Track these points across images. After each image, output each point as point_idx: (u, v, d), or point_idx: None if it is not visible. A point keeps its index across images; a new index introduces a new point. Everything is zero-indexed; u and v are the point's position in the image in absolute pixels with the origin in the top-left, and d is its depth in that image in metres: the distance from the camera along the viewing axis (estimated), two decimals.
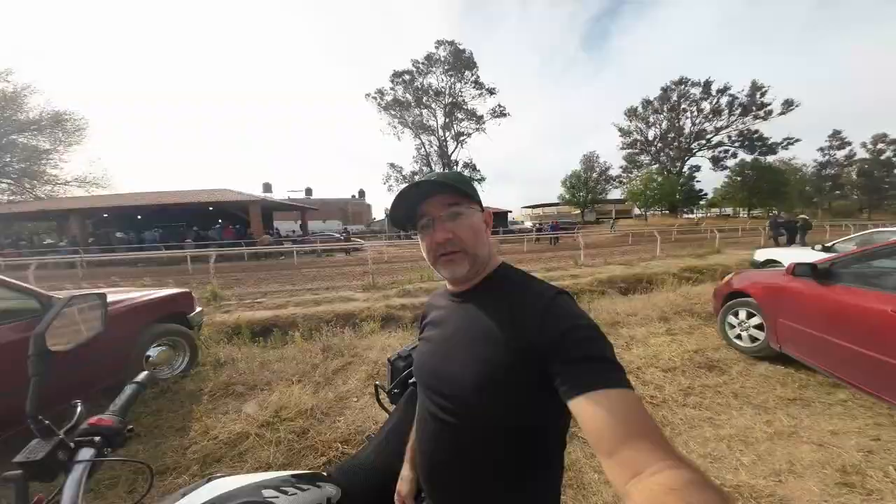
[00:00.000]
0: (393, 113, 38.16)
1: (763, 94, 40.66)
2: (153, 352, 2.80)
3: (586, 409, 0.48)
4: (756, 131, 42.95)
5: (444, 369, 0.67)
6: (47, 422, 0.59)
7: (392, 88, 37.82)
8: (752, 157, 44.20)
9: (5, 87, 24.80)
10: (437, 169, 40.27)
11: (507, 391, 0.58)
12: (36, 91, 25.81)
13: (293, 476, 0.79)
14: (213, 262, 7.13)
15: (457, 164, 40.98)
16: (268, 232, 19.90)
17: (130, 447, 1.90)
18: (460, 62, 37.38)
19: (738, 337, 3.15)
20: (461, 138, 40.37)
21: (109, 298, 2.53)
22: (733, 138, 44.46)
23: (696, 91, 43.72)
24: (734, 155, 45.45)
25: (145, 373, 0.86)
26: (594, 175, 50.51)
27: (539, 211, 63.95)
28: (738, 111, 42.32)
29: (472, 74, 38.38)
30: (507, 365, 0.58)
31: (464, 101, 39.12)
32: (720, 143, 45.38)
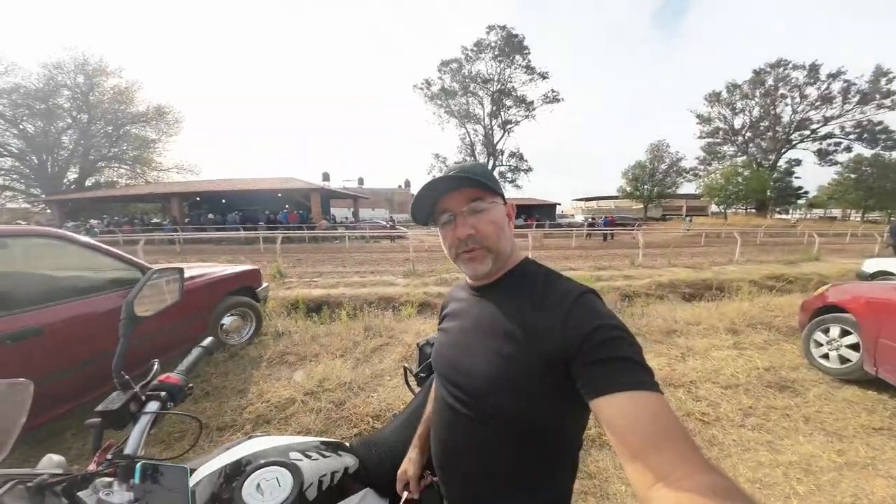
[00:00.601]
0: (439, 103, 37.91)
1: (890, 81, 33.19)
2: (227, 320, 3.23)
3: (610, 411, 0.47)
4: (879, 122, 35.39)
5: (461, 362, 0.67)
6: (127, 377, 0.70)
7: (440, 78, 37.55)
8: (872, 151, 36.47)
9: (119, 82, 29.94)
10: (482, 159, 39.12)
11: (524, 389, 0.58)
12: (142, 87, 30.88)
13: (321, 443, 0.87)
14: (279, 243, 7.96)
15: (502, 154, 39.73)
16: (325, 218, 21.44)
17: (201, 404, 2.24)
18: (511, 47, 35.72)
19: (825, 356, 2.73)
20: (508, 126, 38.91)
21: (195, 272, 3.00)
22: (847, 129, 36.99)
23: (799, 75, 37.00)
24: (848, 149, 37.86)
25: (211, 338, 0.98)
26: (662, 166, 45.43)
27: (593, 204, 59.62)
28: (855, 99, 35.10)
29: (524, 59, 36.51)
30: (526, 363, 0.58)
31: (513, 87, 37.51)
32: (829, 135, 38.07)
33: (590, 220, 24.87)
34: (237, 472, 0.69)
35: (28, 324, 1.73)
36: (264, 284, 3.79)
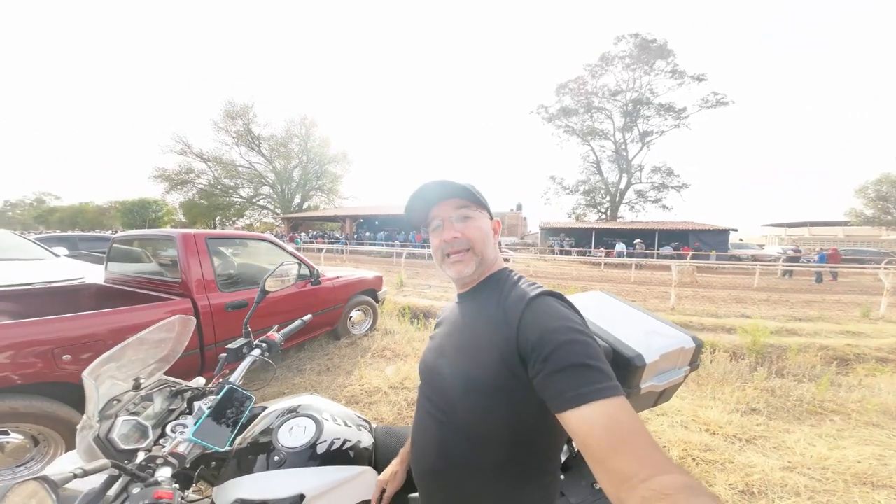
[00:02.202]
0: (558, 123, 35.79)
1: None
2: (354, 313, 4.04)
3: (574, 424, 0.48)
4: None
5: (437, 368, 0.71)
6: (249, 329, 1.06)
7: (558, 100, 35.54)
8: None
9: (323, 132, 42.26)
10: (611, 177, 34.82)
11: (488, 391, 0.59)
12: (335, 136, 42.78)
13: (354, 415, 1.05)
14: (404, 258, 9.38)
15: (641, 170, 33.69)
16: None
17: (321, 376, 2.89)
18: (648, 53, 30.85)
19: None
20: (648, 139, 33.02)
21: (340, 274, 3.89)
22: None
23: None
24: None
25: (309, 315, 1.38)
26: None
27: (802, 232, 42.55)
28: None
29: (668, 64, 30.84)
30: (491, 367, 0.59)
31: (653, 95, 32.03)
32: None
33: (791, 251, 17.89)
34: (287, 413, 0.93)
35: (241, 298, 2.65)
36: (384, 289, 4.55)
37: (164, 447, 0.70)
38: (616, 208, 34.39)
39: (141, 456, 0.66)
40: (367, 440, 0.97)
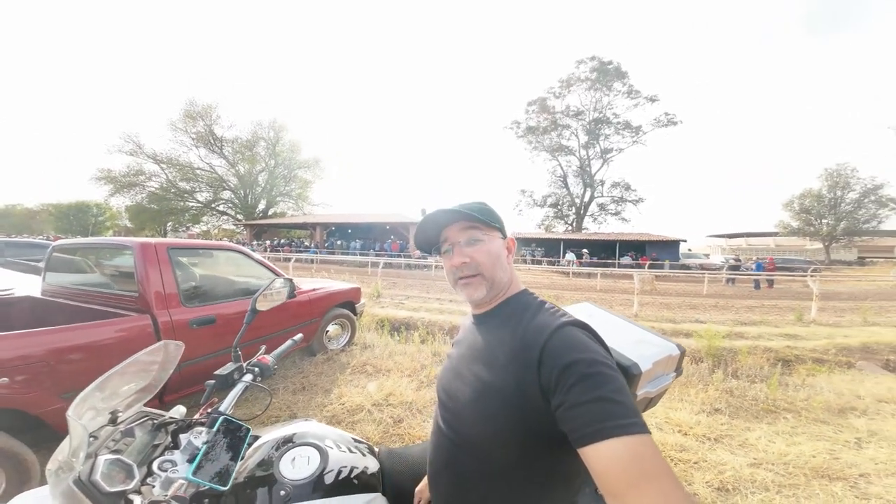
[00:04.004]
0: (529, 139, 37.75)
1: None
2: (331, 327, 3.85)
3: (594, 459, 0.47)
4: None
5: (452, 387, 0.71)
6: (239, 352, 0.97)
7: (527, 116, 37.64)
8: None
9: (293, 136, 40.72)
10: (576, 190, 37.01)
11: (501, 417, 0.58)
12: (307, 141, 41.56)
13: (353, 439, 1.00)
14: (381, 267, 9.20)
15: (603, 185, 36.28)
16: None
17: (297, 395, 2.71)
18: (606, 75, 33.72)
19: None
20: (608, 156, 35.83)
21: (315, 286, 3.68)
22: None
23: None
24: None
25: (300, 335, 1.30)
26: (850, 195, 33.58)
27: (740, 242, 47.46)
28: None
29: (624, 85, 33.78)
30: (504, 392, 0.58)
31: (613, 115, 35.00)
32: None
33: (732, 260, 19.81)
34: (285, 443, 0.86)
35: (207, 314, 2.42)
36: (362, 301, 4.40)
37: (153, 487, 0.62)
38: (581, 220, 36.49)
39: (137, 501, 0.58)
40: (373, 465, 0.93)
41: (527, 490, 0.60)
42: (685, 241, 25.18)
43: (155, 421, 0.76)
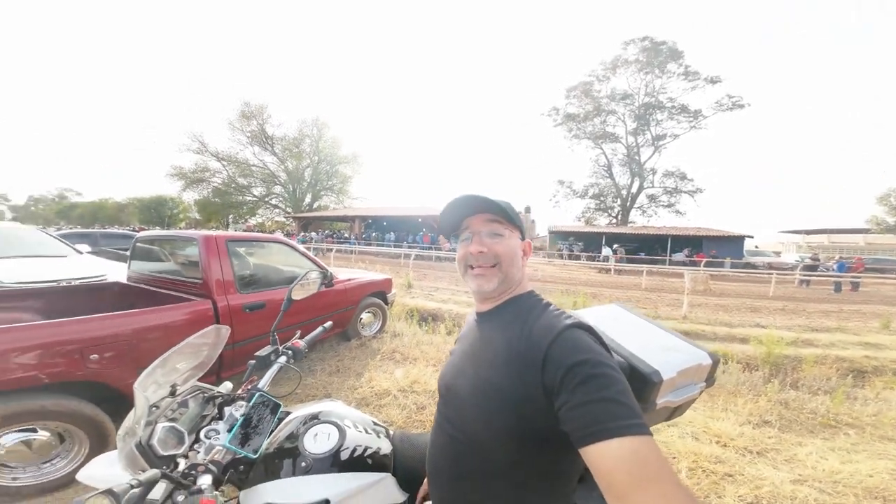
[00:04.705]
0: (569, 127, 35.27)
1: None
2: (364, 315, 4.09)
3: (596, 458, 0.47)
4: None
5: (454, 384, 0.72)
6: (276, 336, 1.11)
7: (567, 102, 35.04)
8: None
9: (335, 133, 42.34)
10: (622, 180, 34.16)
11: (502, 417, 0.59)
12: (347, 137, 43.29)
13: (372, 422, 1.09)
14: (412, 259, 9.44)
15: (654, 174, 33.03)
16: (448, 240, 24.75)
17: (332, 377, 2.95)
18: (659, 56, 30.22)
19: None
20: (660, 143, 32.28)
21: (352, 276, 3.93)
22: None
23: None
24: None
25: (330, 322, 1.43)
26: None
27: (822, 239, 41.18)
28: None
29: (679, 66, 30.09)
30: (508, 390, 0.59)
31: (667, 98, 31.36)
32: None
33: (808, 259, 17.36)
34: (311, 419, 0.97)
35: (258, 300, 2.68)
36: (393, 291, 4.59)
37: (198, 452, 0.74)
38: (627, 213, 33.82)
39: (182, 463, 0.70)
40: (385, 447, 1.00)
41: (525, 488, 0.61)
42: (751, 237, 22.47)
43: (205, 394, 0.91)
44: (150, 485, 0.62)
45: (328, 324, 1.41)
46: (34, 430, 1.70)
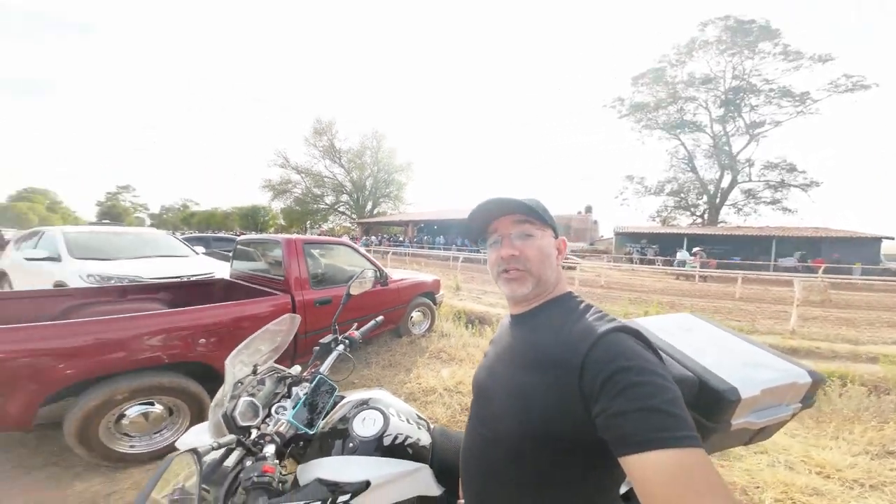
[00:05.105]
0: (637, 118, 31.45)
1: None
2: (414, 314, 4.30)
3: (637, 470, 0.44)
4: None
5: (486, 384, 0.72)
6: (337, 327, 1.26)
7: (635, 91, 31.22)
8: None
9: (391, 144, 44.93)
10: (707, 174, 29.66)
11: (535, 418, 0.57)
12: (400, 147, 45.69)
13: (416, 414, 1.16)
14: (460, 262, 9.55)
15: (750, 166, 27.75)
16: None
17: (385, 370, 3.17)
18: (745, 35, 25.53)
19: None
20: (757, 131, 27.03)
21: (404, 276, 4.19)
22: None
23: None
24: None
25: (381, 317, 1.58)
26: None
27: None
28: None
29: (775, 45, 25.10)
30: (541, 394, 0.57)
31: (762, 81, 26.25)
32: None
33: None
34: (361, 404, 1.06)
35: (326, 296, 3.02)
36: (441, 292, 4.76)
37: (268, 426, 0.85)
38: (716, 210, 29.17)
39: (254, 433, 0.83)
40: (425, 439, 1.05)
41: (555, 495, 0.59)
42: (891, 238, 17.64)
43: (279, 374, 1.07)
44: (227, 448, 0.75)
45: (380, 318, 1.54)
46: (152, 404, 2.00)
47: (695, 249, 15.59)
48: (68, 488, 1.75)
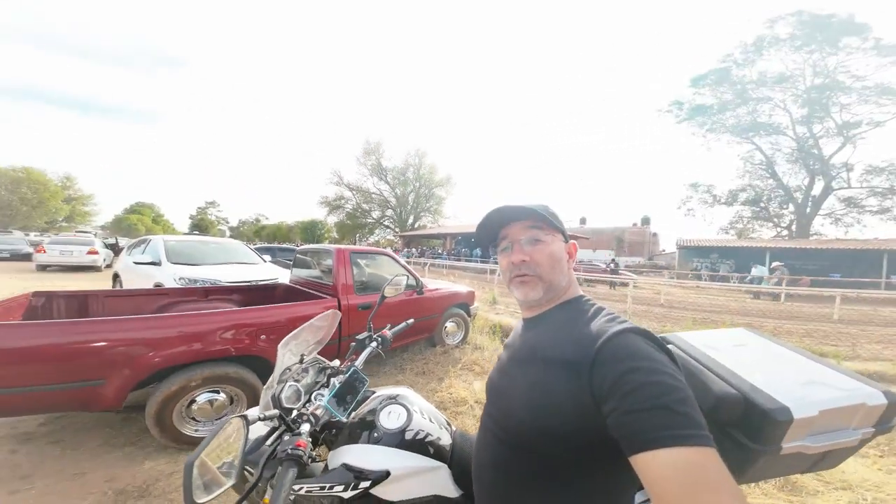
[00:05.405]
0: (700, 122, 28.75)
1: None
2: (448, 324, 4.32)
3: (647, 468, 0.44)
4: None
5: (502, 388, 0.72)
6: (372, 325, 1.37)
7: (696, 93, 28.58)
8: None
9: (431, 161, 46.03)
10: (792, 180, 26.24)
11: (549, 420, 0.58)
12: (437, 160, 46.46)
13: (441, 416, 1.19)
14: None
15: (849, 170, 23.77)
16: None
17: (418, 378, 3.20)
18: (827, 30, 22.44)
19: None
20: (852, 132, 23.19)
21: (439, 286, 4.27)
22: None
23: None
24: None
25: (412, 319, 1.66)
26: None
27: None
28: None
29: (864, 40, 21.81)
30: (553, 395, 0.58)
31: (852, 77, 22.73)
32: None
33: None
34: (389, 398, 1.12)
35: (368, 301, 3.19)
36: (476, 304, 4.74)
37: (307, 409, 0.92)
38: (808, 221, 25.34)
39: (294, 413, 0.92)
40: (446, 439, 1.06)
41: (567, 493, 0.59)
42: None
43: (321, 365, 1.18)
44: (271, 426, 0.85)
45: (410, 320, 1.62)
46: (217, 392, 2.20)
47: (774, 264, 13.50)
48: (139, 466, 1.98)
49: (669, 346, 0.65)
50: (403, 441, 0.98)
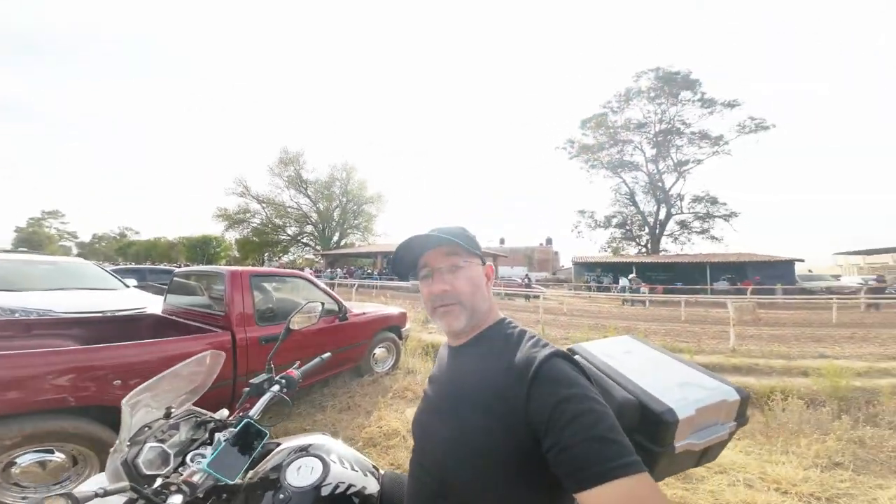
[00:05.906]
0: (585, 158, 36.10)
1: None
2: (377, 350, 4.01)
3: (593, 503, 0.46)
4: None
5: (431, 427, 0.68)
6: (272, 366, 1.12)
7: (583, 134, 36.11)
8: None
9: (361, 175, 44.78)
10: (647, 207, 33.94)
11: (488, 459, 0.55)
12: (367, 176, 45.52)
13: (361, 459, 1.03)
14: None
15: (681, 200, 32.40)
16: None
17: (342, 414, 2.88)
18: (671, 85, 31.13)
19: None
20: (683, 168, 32.17)
21: (366, 310, 3.92)
22: None
23: None
24: None
25: (328, 353, 1.41)
26: None
27: (886, 258, 36.54)
28: None
29: (694, 94, 30.82)
30: (491, 431, 0.56)
31: (683, 124, 31.83)
32: None
33: (873, 282, 15.41)
34: (298, 451, 0.93)
35: (275, 332, 2.78)
36: (408, 326, 4.55)
37: (181, 475, 0.74)
38: (657, 241, 32.88)
39: (158, 482, 0.70)
40: (372, 487, 0.95)
41: None
42: (802, 260, 20.56)
43: (198, 418, 0.92)
44: (118, 493, 0.63)
45: (326, 354, 1.39)
46: (51, 452, 1.74)
47: (630, 276, 17.72)
48: None
49: (576, 357, 0.70)
50: (319, 499, 0.83)
